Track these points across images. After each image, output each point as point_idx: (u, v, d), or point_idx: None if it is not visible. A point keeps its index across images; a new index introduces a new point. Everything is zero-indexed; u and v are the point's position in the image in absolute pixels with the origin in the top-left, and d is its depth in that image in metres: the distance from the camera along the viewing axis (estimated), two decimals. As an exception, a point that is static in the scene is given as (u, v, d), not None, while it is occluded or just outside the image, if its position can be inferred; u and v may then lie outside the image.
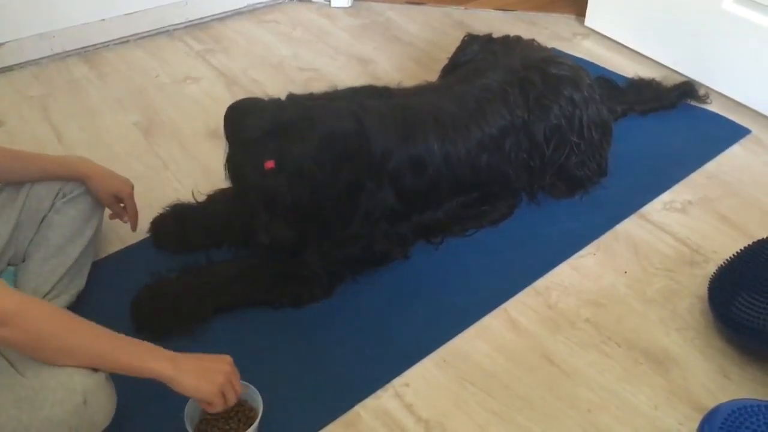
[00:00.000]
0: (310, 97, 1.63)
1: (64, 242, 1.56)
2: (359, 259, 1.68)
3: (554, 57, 1.96)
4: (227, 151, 1.54)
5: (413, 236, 1.77)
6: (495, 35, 2.13)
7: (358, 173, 1.58)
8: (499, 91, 1.80)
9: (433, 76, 2.18)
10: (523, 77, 1.83)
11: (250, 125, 1.50)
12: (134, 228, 1.71)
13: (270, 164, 1.44)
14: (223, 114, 1.57)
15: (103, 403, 1.21)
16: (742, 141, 2.21)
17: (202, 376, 1.21)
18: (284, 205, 1.47)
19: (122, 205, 1.67)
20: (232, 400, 1.25)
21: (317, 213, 1.53)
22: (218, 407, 1.24)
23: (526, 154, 1.84)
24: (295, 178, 1.46)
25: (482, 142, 1.75)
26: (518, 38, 2.09)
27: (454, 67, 2.10)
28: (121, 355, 1.18)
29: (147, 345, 1.22)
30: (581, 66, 1.96)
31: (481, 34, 2.15)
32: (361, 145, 1.57)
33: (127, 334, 1.50)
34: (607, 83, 2.31)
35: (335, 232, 1.63)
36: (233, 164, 1.53)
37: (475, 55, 2.04)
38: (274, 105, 1.55)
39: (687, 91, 2.35)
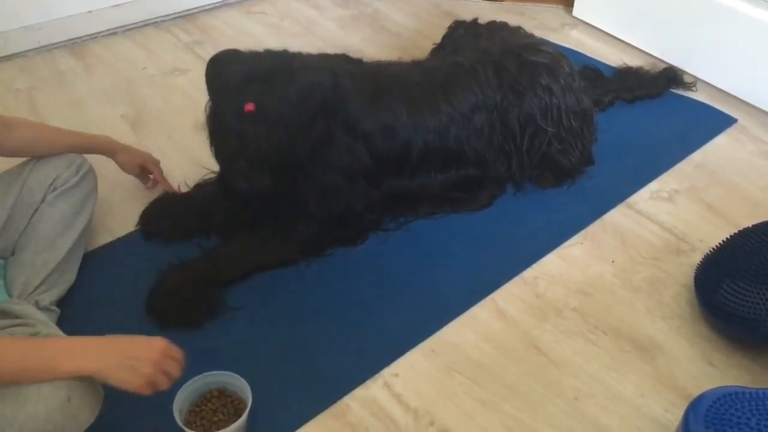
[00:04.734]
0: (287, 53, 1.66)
1: (55, 235, 1.56)
2: (339, 215, 1.71)
3: (536, 44, 1.94)
4: (208, 101, 1.57)
5: (390, 203, 1.80)
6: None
7: (331, 126, 1.60)
8: (469, 69, 1.81)
9: (421, 67, 2.18)
10: (497, 61, 1.83)
11: (231, 72, 1.52)
12: (171, 189, 1.88)
13: (250, 107, 1.45)
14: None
15: (89, 400, 1.19)
16: (728, 130, 2.22)
17: (128, 368, 1.16)
18: (260, 151, 1.48)
19: (150, 176, 1.86)
20: (163, 386, 1.21)
21: (290, 161, 1.54)
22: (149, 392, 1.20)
23: (501, 137, 1.84)
24: (273, 124, 1.47)
25: (451, 115, 1.77)
26: (504, 24, 2.09)
27: (439, 50, 2.11)
28: (35, 363, 1.13)
29: (65, 344, 1.18)
30: (563, 54, 1.95)
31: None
32: (337, 98, 1.60)
33: (121, 324, 1.53)
34: (593, 72, 2.31)
35: (307, 184, 1.65)
36: (213, 111, 1.54)
37: (460, 39, 2.05)
38: (253, 56, 1.59)
39: (672, 77, 2.36)
